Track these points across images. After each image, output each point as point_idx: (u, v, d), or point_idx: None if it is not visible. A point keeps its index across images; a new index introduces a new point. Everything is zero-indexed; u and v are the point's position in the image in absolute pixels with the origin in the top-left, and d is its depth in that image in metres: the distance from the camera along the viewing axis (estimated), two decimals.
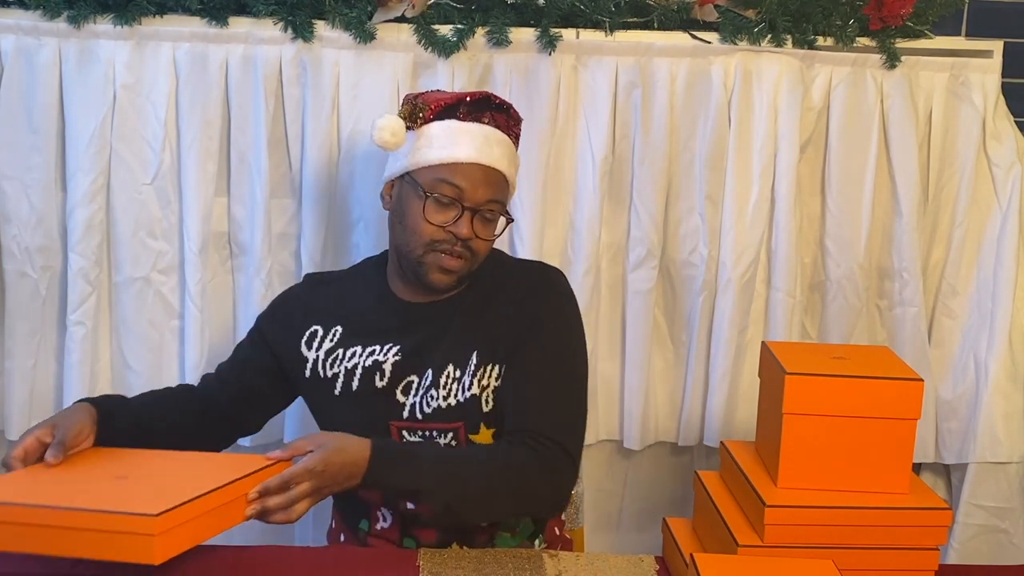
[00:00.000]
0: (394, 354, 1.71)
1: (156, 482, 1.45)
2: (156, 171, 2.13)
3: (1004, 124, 2.30)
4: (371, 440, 1.53)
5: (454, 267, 1.68)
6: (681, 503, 2.37)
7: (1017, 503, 2.39)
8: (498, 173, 1.69)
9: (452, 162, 1.66)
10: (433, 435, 1.69)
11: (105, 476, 1.47)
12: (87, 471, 1.49)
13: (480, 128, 1.69)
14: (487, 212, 1.68)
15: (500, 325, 1.70)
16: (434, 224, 1.66)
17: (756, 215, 2.24)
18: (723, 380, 2.29)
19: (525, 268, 1.81)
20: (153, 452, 1.59)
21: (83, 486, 1.43)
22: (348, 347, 1.73)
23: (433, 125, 1.69)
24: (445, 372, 1.69)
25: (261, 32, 2.10)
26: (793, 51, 2.21)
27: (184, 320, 2.20)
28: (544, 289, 1.74)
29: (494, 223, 1.71)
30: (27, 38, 2.07)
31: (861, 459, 1.52)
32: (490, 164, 1.68)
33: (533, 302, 1.71)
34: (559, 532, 1.86)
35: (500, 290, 1.74)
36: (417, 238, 1.67)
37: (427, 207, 1.66)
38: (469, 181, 1.66)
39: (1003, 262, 2.31)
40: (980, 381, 2.34)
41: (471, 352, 1.69)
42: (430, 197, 1.66)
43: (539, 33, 2.14)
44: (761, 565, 1.37)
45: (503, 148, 1.71)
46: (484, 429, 1.69)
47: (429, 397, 1.69)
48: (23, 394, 2.20)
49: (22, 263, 2.16)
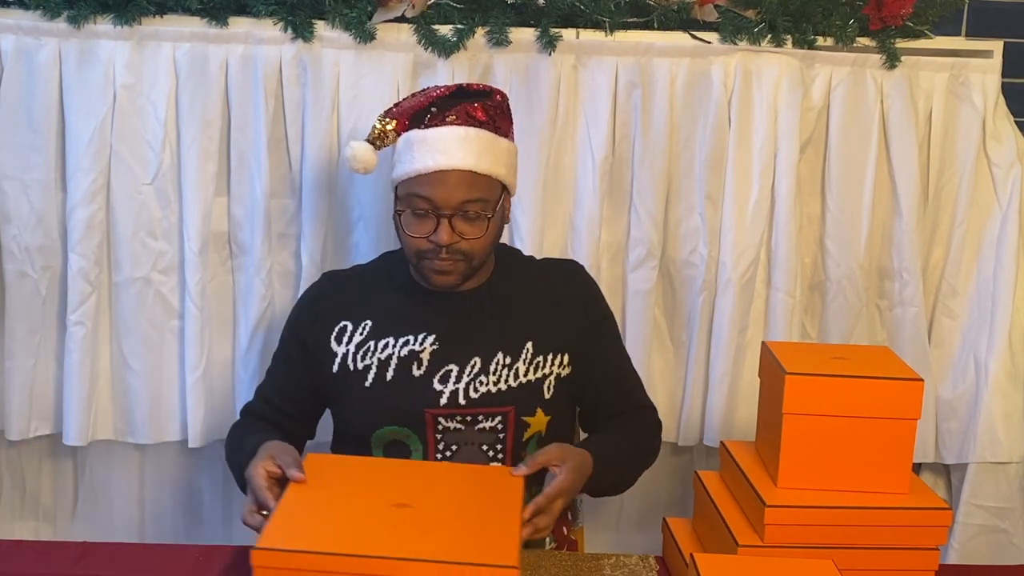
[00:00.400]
0: (431, 343, 1.74)
1: (448, 511, 1.44)
2: (156, 171, 2.13)
3: (1004, 124, 2.30)
4: (588, 448, 1.68)
5: (448, 269, 1.71)
6: (681, 503, 2.37)
7: (1017, 503, 2.39)
8: (469, 173, 1.68)
9: (416, 174, 1.68)
10: (478, 419, 1.73)
11: (383, 505, 1.44)
12: (353, 499, 1.47)
13: (444, 132, 1.69)
14: (469, 212, 1.68)
15: (556, 318, 1.78)
16: (416, 236, 1.70)
17: (756, 215, 2.24)
18: (723, 380, 2.29)
19: (560, 264, 1.93)
20: (378, 462, 1.66)
21: (374, 523, 1.39)
22: (380, 339, 1.76)
23: (400, 139, 1.73)
24: (495, 359, 1.74)
25: (261, 32, 2.10)
26: (793, 51, 2.21)
27: (184, 320, 2.20)
28: (591, 283, 1.90)
29: (482, 220, 1.70)
30: (27, 38, 2.07)
31: (861, 459, 1.52)
32: (457, 167, 1.67)
33: (591, 297, 1.86)
34: (567, 532, 1.87)
35: (540, 283, 1.83)
36: (407, 249, 1.73)
37: (405, 222, 1.71)
38: (438, 189, 1.67)
39: (1003, 262, 2.31)
40: (980, 381, 2.34)
41: (524, 341, 1.76)
42: (405, 212, 1.70)
43: (539, 33, 2.14)
44: (761, 565, 1.37)
45: (474, 144, 1.69)
46: (541, 415, 1.76)
47: (478, 383, 1.73)
48: (23, 394, 2.20)
49: (22, 263, 2.16)
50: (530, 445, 1.77)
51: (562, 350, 1.79)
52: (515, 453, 1.76)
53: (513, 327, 1.78)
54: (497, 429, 1.74)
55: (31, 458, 2.34)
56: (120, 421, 2.24)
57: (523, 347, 1.76)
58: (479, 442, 1.75)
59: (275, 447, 1.59)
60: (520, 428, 1.75)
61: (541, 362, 1.77)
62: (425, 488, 1.50)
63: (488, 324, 1.78)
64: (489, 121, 1.73)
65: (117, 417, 2.24)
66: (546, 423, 1.77)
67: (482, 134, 1.71)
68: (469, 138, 1.69)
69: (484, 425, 1.74)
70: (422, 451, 1.74)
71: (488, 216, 1.71)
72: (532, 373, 1.76)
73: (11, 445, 2.29)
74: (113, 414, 2.24)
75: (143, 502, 2.35)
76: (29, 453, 2.33)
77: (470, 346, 1.75)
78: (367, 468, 1.60)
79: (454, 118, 1.70)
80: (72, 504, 2.37)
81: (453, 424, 1.74)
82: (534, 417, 1.76)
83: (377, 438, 1.75)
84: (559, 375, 1.79)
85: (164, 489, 2.36)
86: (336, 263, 2.21)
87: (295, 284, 2.22)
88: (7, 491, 2.34)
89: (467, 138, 1.69)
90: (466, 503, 1.47)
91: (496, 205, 1.72)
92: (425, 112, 1.72)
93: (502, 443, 1.75)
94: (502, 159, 1.73)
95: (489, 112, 1.74)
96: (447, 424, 1.73)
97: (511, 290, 1.81)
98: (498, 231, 1.77)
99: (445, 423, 1.73)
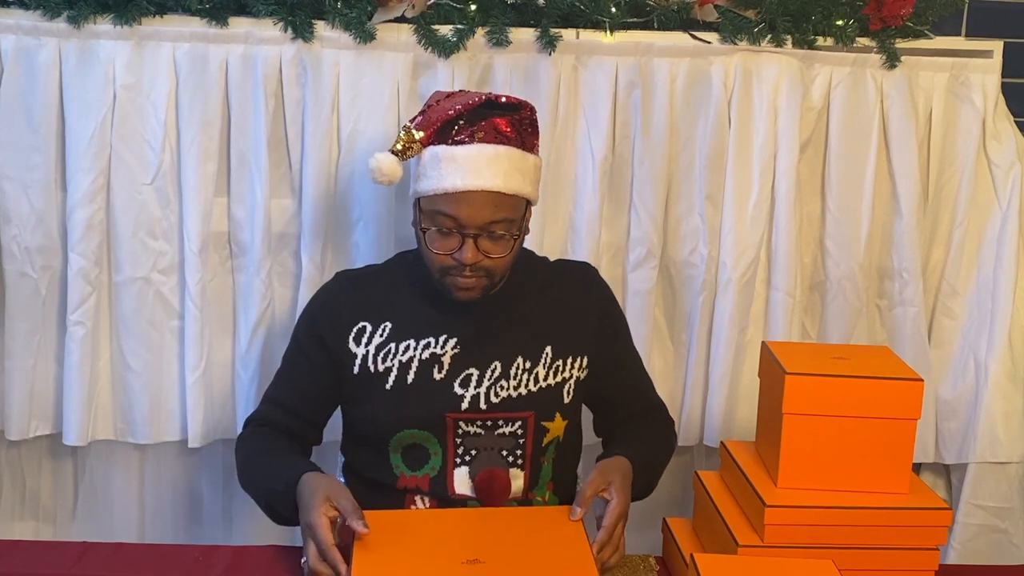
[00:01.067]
0: (452, 347, 1.74)
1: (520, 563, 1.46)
2: (156, 171, 2.13)
3: (1004, 124, 2.30)
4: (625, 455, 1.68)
5: (471, 285, 1.70)
6: (681, 503, 2.37)
7: (1017, 503, 2.39)
8: (496, 195, 1.66)
9: (444, 192, 1.65)
10: (498, 424, 1.73)
11: (455, 563, 1.45)
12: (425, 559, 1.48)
13: (472, 150, 1.66)
14: (495, 232, 1.67)
15: (574, 322, 1.78)
16: (440, 253, 1.68)
17: (756, 215, 2.24)
18: (723, 380, 2.29)
19: (576, 267, 1.91)
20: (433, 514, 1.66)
21: None
22: (401, 341, 1.75)
23: (426, 152, 1.68)
24: (515, 363, 1.74)
25: (261, 32, 2.10)
26: (793, 51, 2.21)
27: (184, 320, 2.19)
28: (606, 286, 1.89)
29: (507, 239, 1.69)
30: (27, 38, 2.07)
31: (861, 459, 1.52)
32: (485, 188, 1.65)
33: (607, 300, 1.87)
34: None
35: (557, 287, 1.82)
36: (430, 264, 1.71)
37: (429, 238, 1.69)
38: (465, 209, 1.65)
39: (1003, 262, 2.31)
40: (980, 381, 2.34)
41: (544, 345, 1.77)
42: (430, 230, 1.68)
43: (539, 33, 2.14)
44: (761, 565, 1.37)
45: (502, 164, 1.66)
46: (560, 419, 1.76)
47: (499, 387, 1.73)
48: (23, 394, 2.20)
49: (22, 263, 2.16)
50: (549, 450, 1.77)
51: (580, 353, 1.80)
52: (534, 460, 1.76)
53: (532, 331, 1.78)
54: (517, 434, 1.74)
55: (31, 458, 2.34)
56: (120, 421, 2.24)
57: (543, 351, 1.77)
58: (499, 447, 1.74)
59: (325, 487, 1.56)
60: (539, 433, 1.75)
61: (560, 366, 1.77)
62: (490, 540, 1.51)
63: (508, 328, 1.77)
64: (516, 137, 1.70)
65: (117, 417, 2.24)
66: (564, 428, 1.77)
67: (511, 152, 1.68)
68: (498, 157, 1.66)
69: (504, 430, 1.74)
70: (441, 455, 1.74)
71: (514, 236, 1.70)
72: (552, 377, 1.76)
73: (11, 445, 2.29)
74: (113, 414, 2.23)
75: (143, 502, 2.35)
76: (29, 453, 2.33)
77: (491, 350, 1.75)
78: (426, 522, 1.62)
79: (483, 135, 1.67)
80: (72, 504, 2.37)
81: (473, 429, 1.73)
82: (553, 422, 1.76)
83: (396, 441, 1.74)
84: (578, 379, 1.79)
85: (164, 489, 2.35)
86: (336, 263, 2.21)
87: (295, 284, 2.22)
88: (7, 491, 2.34)
89: (496, 158, 1.66)
90: (534, 552, 1.49)
91: (521, 223, 1.72)
92: (452, 124, 1.68)
93: (521, 448, 1.75)
94: (528, 176, 1.71)
95: (516, 127, 1.70)
96: (467, 428, 1.73)
97: (529, 293, 1.80)
98: (519, 247, 1.75)
99: (465, 427, 1.73)
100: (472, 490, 1.72)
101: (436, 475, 1.72)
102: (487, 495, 1.72)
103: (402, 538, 1.53)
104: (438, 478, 1.73)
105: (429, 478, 1.72)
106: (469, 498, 1.72)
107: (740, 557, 1.46)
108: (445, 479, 1.72)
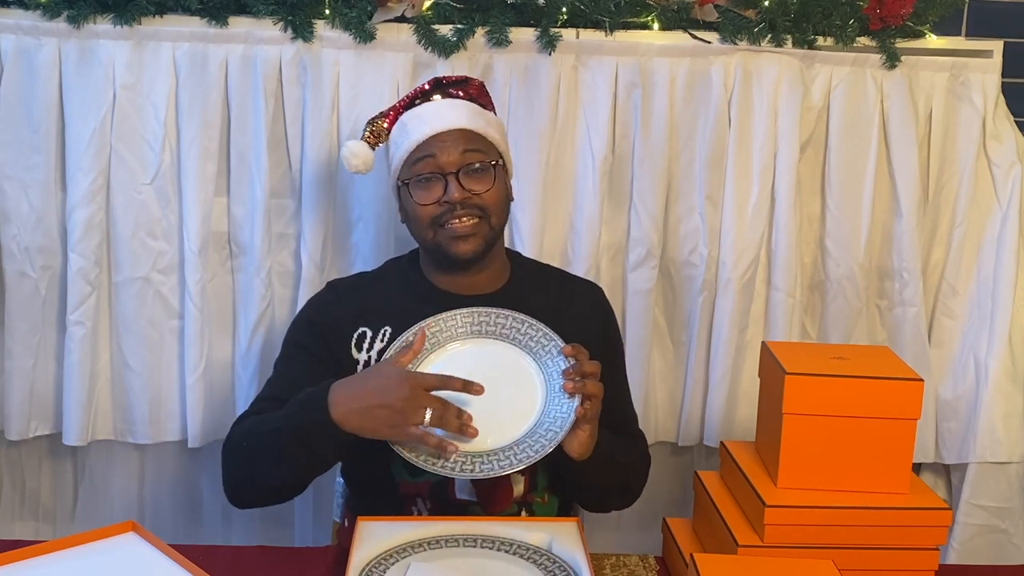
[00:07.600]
0: None
1: None
2: (156, 171, 2.13)
3: (1004, 124, 2.30)
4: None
5: (467, 230, 1.71)
6: (681, 503, 2.37)
7: (1017, 503, 2.39)
8: (464, 131, 1.73)
9: (416, 145, 1.73)
10: None
11: None
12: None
13: (432, 106, 1.78)
14: (473, 165, 1.71)
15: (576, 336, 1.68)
16: (427, 203, 1.71)
17: (756, 215, 2.24)
18: (723, 380, 2.29)
19: (583, 286, 1.92)
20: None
21: None
22: None
23: (394, 128, 1.81)
24: None
25: (261, 32, 2.10)
26: (793, 51, 2.21)
27: (184, 320, 2.20)
28: (611, 310, 1.91)
29: (487, 171, 1.73)
30: (27, 38, 2.07)
31: (861, 459, 1.52)
32: (450, 127, 1.73)
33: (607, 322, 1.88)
34: None
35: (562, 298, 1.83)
36: (423, 224, 1.73)
37: (414, 193, 1.73)
38: (438, 146, 1.72)
39: (1003, 262, 2.31)
40: (980, 381, 2.34)
41: None
42: (411, 182, 1.73)
43: (539, 33, 2.14)
44: (761, 565, 1.37)
45: (463, 110, 1.76)
46: None
47: None
48: (23, 394, 2.20)
49: (22, 263, 2.16)
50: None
51: None
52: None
53: None
54: None
55: (31, 458, 2.34)
56: (120, 421, 2.24)
57: None
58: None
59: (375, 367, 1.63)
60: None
61: None
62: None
63: None
64: (471, 99, 1.81)
65: (117, 417, 2.24)
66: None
67: (469, 104, 1.79)
68: (458, 106, 1.77)
69: None
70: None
71: (492, 164, 1.73)
72: None
73: (11, 445, 2.29)
74: (113, 414, 2.24)
75: (143, 502, 2.35)
76: (29, 453, 2.33)
77: None
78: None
79: (439, 97, 1.80)
80: (72, 504, 2.37)
81: None
82: None
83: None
84: None
85: (164, 489, 2.36)
86: (336, 263, 2.21)
87: (295, 284, 2.22)
88: (7, 491, 2.34)
89: (456, 106, 1.77)
90: None
91: (497, 163, 1.75)
92: (410, 104, 1.80)
93: None
94: (492, 124, 1.79)
95: (469, 93, 1.82)
96: None
97: (530, 296, 1.79)
98: (506, 193, 1.78)
99: None
100: (473, 495, 1.72)
101: (436, 481, 1.72)
102: (488, 500, 1.71)
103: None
104: (438, 484, 1.72)
105: (429, 484, 1.71)
106: (470, 503, 1.71)
107: (740, 557, 1.45)
108: (445, 485, 1.71)
